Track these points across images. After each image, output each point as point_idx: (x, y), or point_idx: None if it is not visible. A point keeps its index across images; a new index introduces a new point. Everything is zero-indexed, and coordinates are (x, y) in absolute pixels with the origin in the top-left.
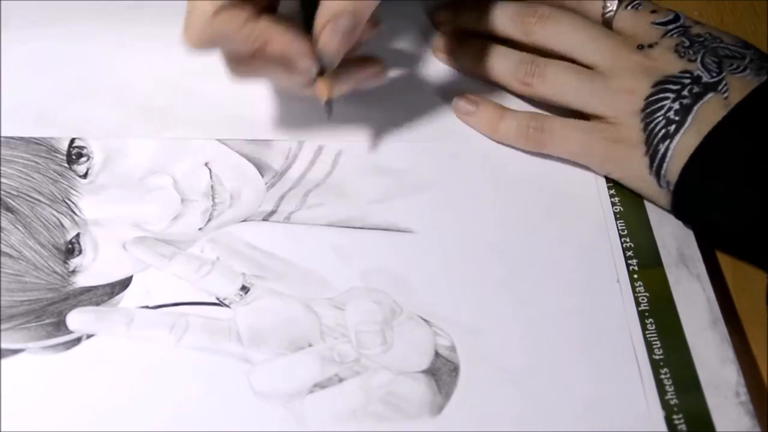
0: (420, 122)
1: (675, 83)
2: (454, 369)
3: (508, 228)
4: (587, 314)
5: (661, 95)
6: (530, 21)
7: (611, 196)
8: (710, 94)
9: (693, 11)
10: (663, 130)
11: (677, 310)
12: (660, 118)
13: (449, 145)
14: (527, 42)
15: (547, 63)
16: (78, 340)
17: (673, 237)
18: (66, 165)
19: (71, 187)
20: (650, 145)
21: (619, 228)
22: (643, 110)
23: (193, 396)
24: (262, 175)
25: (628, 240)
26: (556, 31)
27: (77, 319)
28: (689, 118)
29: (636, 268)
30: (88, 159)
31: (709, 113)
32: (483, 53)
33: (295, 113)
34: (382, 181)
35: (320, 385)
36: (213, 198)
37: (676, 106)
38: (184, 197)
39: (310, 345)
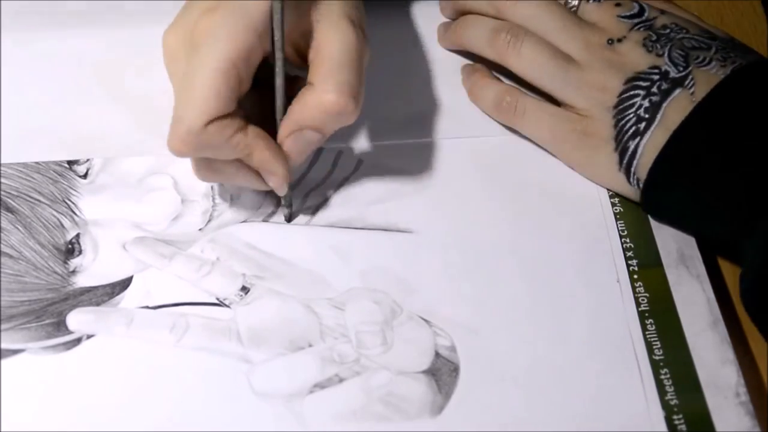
0: (421, 122)
1: (644, 80)
2: (455, 369)
3: (508, 228)
4: (587, 314)
5: (632, 92)
6: (506, 2)
7: (611, 196)
8: (677, 90)
9: (693, 11)
10: (633, 128)
11: (677, 311)
12: (631, 116)
13: (450, 144)
14: (499, 19)
15: (525, 35)
16: (78, 341)
17: (672, 237)
18: (66, 165)
19: (71, 188)
20: (620, 142)
21: (619, 228)
22: (615, 107)
23: (193, 396)
24: None
25: (627, 240)
26: (530, 12)
27: (77, 320)
28: (658, 116)
29: (636, 268)
30: (88, 159)
31: (676, 110)
32: (463, 23)
33: None
34: (381, 181)
35: (320, 385)
36: (213, 198)
37: (646, 103)
38: (185, 197)
39: (310, 345)
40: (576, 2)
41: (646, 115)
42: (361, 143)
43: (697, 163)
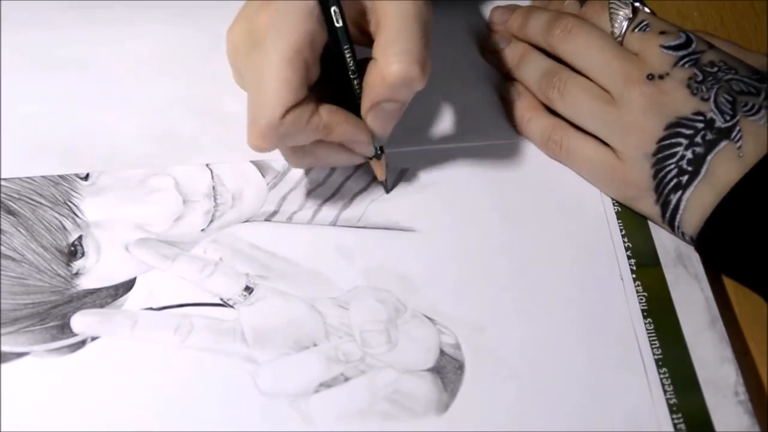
0: (421, 122)
1: (688, 127)
2: (460, 367)
3: (510, 226)
4: (591, 312)
5: (674, 140)
6: (555, 33)
7: None
8: (723, 143)
9: (693, 11)
10: (675, 180)
11: (675, 310)
12: (672, 167)
13: (451, 143)
14: (554, 54)
15: (568, 79)
16: (83, 343)
17: (671, 237)
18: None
19: (72, 189)
20: (660, 194)
21: (618, 227)
22: (654, 154)
23: (198, 397)
24: (264, 176)
25: (626, 239)
26: (574, 48)
27: (81, 322)
28: (702, 170)
29: (634, 267)
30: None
31: (722, 165)
32: (519, 58)
33: None
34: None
35: (326, 385)
36: (215, 199)
37: (689, 154)
38: (186, 198)
39: (314, 344)
40: (621, 32)
41: (689, 168)
42: None
43: (749, 229)
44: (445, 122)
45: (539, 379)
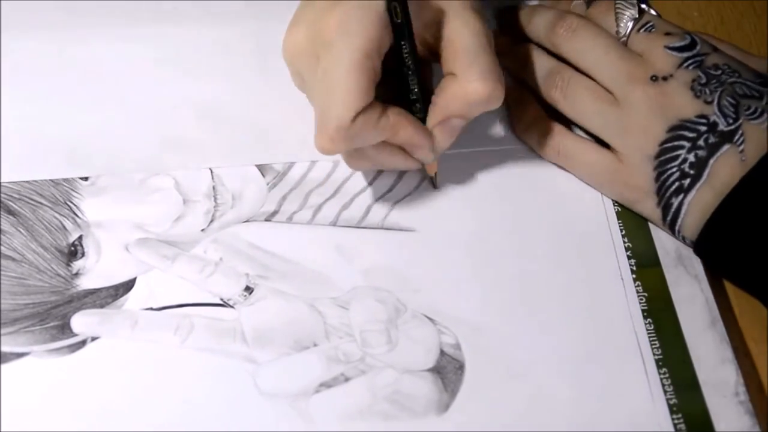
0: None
1: (690, 129)
2: (460, 367)
3: (510, 227)
4: (591, 312)
5: (676, 143)
6: (559, 32)
7: None
8: (726, 146)
9: (693, 11)
10: (677, 183)
11: (676, 311)
12: (674, 170)
13: (452, 149)
14: (557, 54)
15: (571, 78)
16: (83, 343)
17: (671, 237)
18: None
19: (72, 189)
20: (662, 197)
21: (619, 227)
22: (656, 157)
23: (198, 397)
24: (264, 176)
25: (626, 240)
26: (578, 47)
27: (81, 322)
28: (704, 174)
29: (634, 267)
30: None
31: (724, 168)
32: (525, 57)
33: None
34: (384, 179)
35: (326, 385)
36: (215, 199)
37: (691, 158)
38: (186, 198)
39: (315, 344)
40: (626, 32)
41: (692, 171)
42: None
43: (749, 231)
44: None
45: (539, 379)
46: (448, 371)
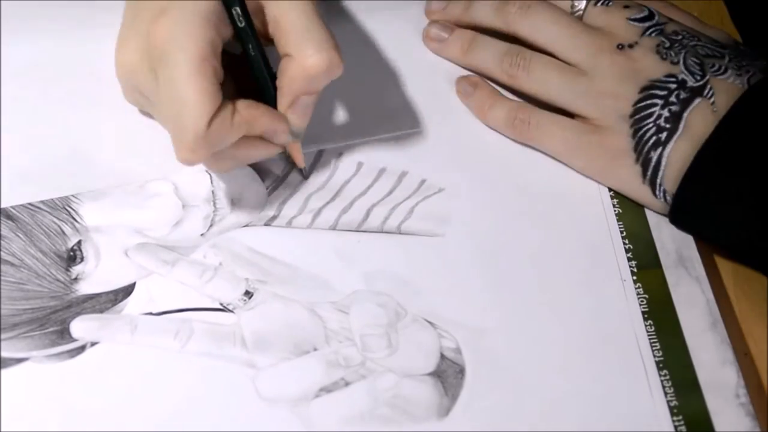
0: (421, 123)
1: (661, 88)
2: (460, 371)
3: (510, 229)
4: (592, 313)
5: (649, 101)
6: (510, 11)
7: (612, 197)
8: (697, 100)
9: (693, 11)
10: (654, 138)
11: (676, 312)
12: (650, 125)
13: (450, 146)
14: (508, 32)
15: (533, 56)
16: (82, 348)
17: (671, 239)
18: None
19: (71, 194)
20: (640, 153)
21: (619, 229)
22: (631, 116)
23: (198, 402)
24: (263, 180)
25: (626, 241)
26: (536, 23)
27: (81, 327)
28: (680, 126)
29: (635, 269)
30: None
31: (698, 119)
32: (470, 44)
33: None
34: (383, 183)
35: (326, 389)
36: (214, 203)
37: (666, 113)
38: (185, 203)
39: (315, 349)
40: (582, 7)
41: (667, 125)
42: (361, 144)
43: (730, 175)
44: (436, 119)
45: (540, 382)
46: (448, 375)
